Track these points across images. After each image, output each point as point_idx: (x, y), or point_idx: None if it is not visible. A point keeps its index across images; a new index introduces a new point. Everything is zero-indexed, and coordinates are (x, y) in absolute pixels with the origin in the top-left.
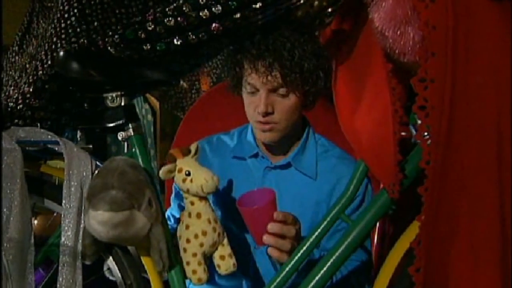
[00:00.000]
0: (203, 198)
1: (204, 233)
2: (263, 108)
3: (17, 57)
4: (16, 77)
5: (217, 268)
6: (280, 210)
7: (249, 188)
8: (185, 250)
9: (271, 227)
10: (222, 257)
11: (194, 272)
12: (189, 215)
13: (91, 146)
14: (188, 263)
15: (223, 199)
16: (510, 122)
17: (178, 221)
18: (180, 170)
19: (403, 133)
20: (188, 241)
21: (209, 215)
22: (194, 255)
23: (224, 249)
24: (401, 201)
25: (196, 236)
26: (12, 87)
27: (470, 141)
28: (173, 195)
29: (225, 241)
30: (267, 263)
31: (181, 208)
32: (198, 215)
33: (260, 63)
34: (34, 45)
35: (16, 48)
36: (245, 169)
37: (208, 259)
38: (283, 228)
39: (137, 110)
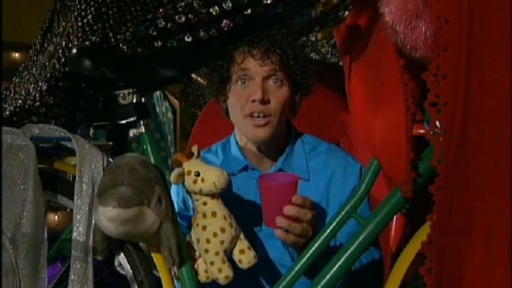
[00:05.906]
0: (215, 196)
1: (223, 230)
2: (260, 94)
3: (39, 56)
4: (36, 75)
5: (238, 264)
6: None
7: (245, 203)
8: (206, 251)
9: (288, 209)
10: (242, 252)
11: (220, 270)
12: (204, 215)
13: (111, 143)
14: (212, 263)
15: None
16: None
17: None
18: (189, 173)
19: (420, 131)
20: (208, 241)
21: (224, 212)
22: (217, 254)
23: (242, 243)
24: (420, 199)
25: (215, 235)
26: (32, 85)
27: (485, 138)
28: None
29: (242, 235)
30: (274, 245)
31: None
32: (214, 214)
33: (257, 48)
34: (55, 43)
35: (38, 46)
36: (237, 184)
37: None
38: (300, 211)
39: (157, 108)
